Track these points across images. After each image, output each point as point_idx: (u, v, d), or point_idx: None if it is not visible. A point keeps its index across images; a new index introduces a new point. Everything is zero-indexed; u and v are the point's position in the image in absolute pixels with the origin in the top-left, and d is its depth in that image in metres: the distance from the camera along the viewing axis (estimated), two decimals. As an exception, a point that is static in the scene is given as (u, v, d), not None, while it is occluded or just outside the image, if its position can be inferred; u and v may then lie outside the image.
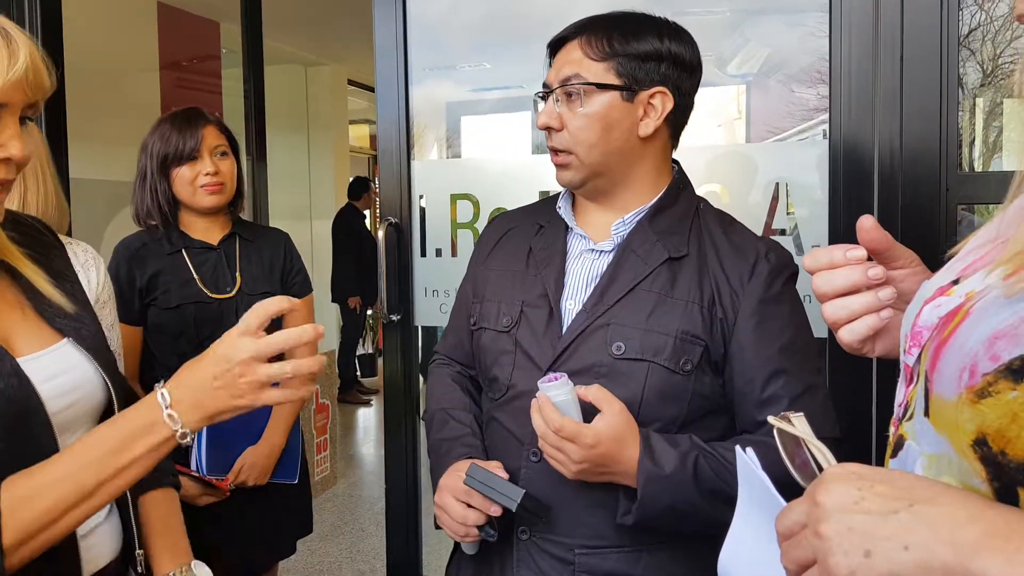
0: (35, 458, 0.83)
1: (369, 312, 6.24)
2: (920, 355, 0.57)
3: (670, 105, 1.09)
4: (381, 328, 6.86)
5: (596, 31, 1.09)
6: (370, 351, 6.56)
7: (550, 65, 1.15)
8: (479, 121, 2.01)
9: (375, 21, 1.87)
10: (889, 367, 1.46)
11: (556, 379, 0.98)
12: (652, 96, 1.08)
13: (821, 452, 0.58)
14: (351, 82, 6.72)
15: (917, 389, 0.57)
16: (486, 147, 2.01)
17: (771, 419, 0.62)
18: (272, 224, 2.92)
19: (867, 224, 0.71)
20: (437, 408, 1.23)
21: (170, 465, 1.10)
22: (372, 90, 7.46)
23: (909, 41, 1.44)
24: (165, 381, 0.82)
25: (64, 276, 1.00)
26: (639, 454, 0.97)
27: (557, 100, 1.10)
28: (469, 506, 1.05)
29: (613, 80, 1.07)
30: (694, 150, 1.72)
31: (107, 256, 1.57)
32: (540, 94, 1.15)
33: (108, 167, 3.37)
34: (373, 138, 8.40)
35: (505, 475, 1.07)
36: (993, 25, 1.55)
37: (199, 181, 1.71)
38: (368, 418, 5.75)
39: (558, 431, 0.95)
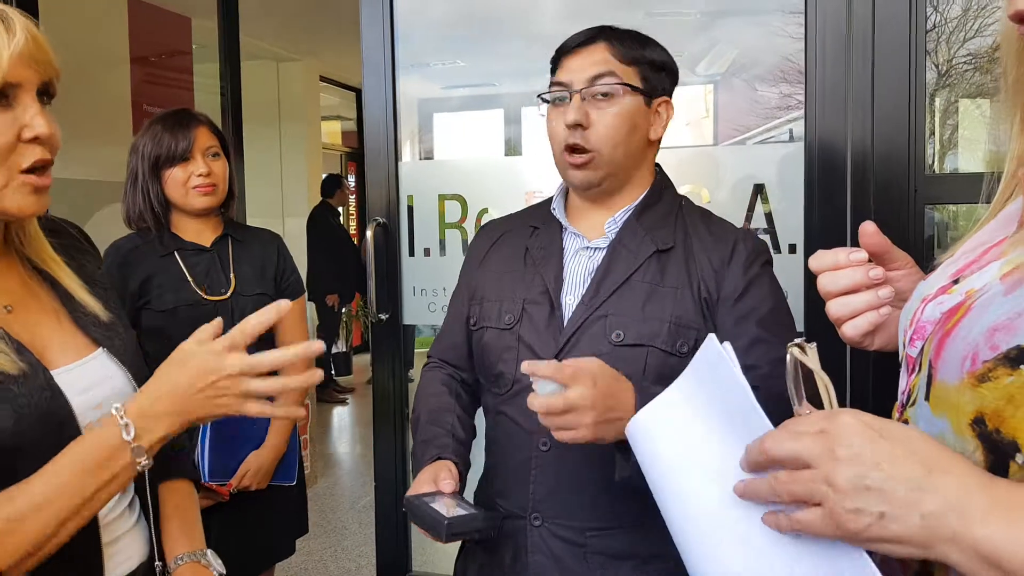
0: None
1: (343, 310, 6.23)
2: (923, 347, 0.63)
3: (672, 114, 1.19)
4: (357, 326, 6.85)
5: (619, 36, 1.15)
6: (344, 349, 6.55)
7: (554, 71, 1.19)
8: (452, 118, 2.04)
9: (362, 21, 1.89)
10: (862, 356, 1.53)
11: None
12: (660, 104, 1.17)
13: (826, 388, 0.62)
14: (323, 78, 6.69)
15: (920, 377, 0.63)
16: (459, 145, 2.05)
17: (789, 346, 0.65)
18: (245, 222, 2.91)
19: (869, 229, 0.78)
20: (420, 411, 1.28)
21: (191, 465, 1.13)
22: (345, 87, 7.42)
23: (880, 45, 1.50)
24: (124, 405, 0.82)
25: (99, 283, 1.01)
26: (634, 396, 0.99)
27: (583, 99, 1.13)
28: None
29: (639, 83, 1.14)
30: (675, 151, 1.77)
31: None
32: (554, 96, 1.17)
33: (80, 166, 3.32)
34: (345, 135, 8.35)
35: (452, 487, 1.08)
36: (948, 26, 1.62)
37: (192, 182, 1.71)
38: (344, 417, 5.75)
39: (554, 374, 0.94)
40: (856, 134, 1.52)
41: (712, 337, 0.68)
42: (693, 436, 0.70)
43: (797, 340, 0.65)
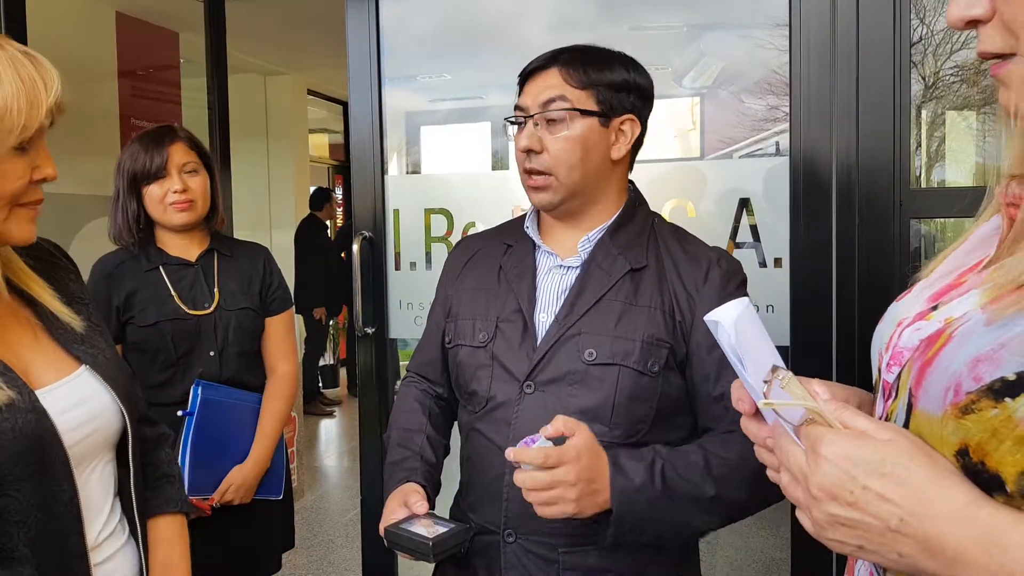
0: (51, 491, 0.84)
1: (331, 323, 6.20)
2: (901, 373, 0.63)
3: (638, 131, 1.18)
4: (343, 339, 6.82)
5: (573, 61, 1.15)
6: (331, 362, 6.52)
7: (519, 93, 1.20)
8: (439, 131, 2.04)
9: (348, 35, 1.89)
10: (848, 374, 1.53)
11: (532, 442, 0.99)
12: (623, 123, 1.17)
13: (821, 416, 0.58)
14: (311, 92, 6.70)
15: (898, 404, 0.62)
16: (446, 158, 2.05)
17: (762, 404, 0.60)
18: (232, 235, 2.90)
19: None
20: (392, 430, 1.29)
21: (180, 493, 1.09)
22: (332, 100, 7.41)
23: (864, 58, 1.51)
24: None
25: (79, 300, 1.00)
26: (609, 471, 1.01)
27: (536, 124, 1.15)
28: None
29: (593, 107, 1.14)
30: (661, 164, 1.78)
31: (82, 273, 1.56)
32: (512, 119, 1.20)
33: (68, 179, 3.29)
34: (333, 148, 8.35)
35: (424, 507, 1.11)
36: (934, 39, 1.64)
37: (167, 199, 1.71)
38: (331, 429, 5.71)
39: (544, 462, 0.96)
40: (841, 147, 1.53)
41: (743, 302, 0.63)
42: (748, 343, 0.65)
43: (768, 378, 0.59)
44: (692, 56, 1.78)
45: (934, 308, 0.64)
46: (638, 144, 1.21)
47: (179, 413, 1.67)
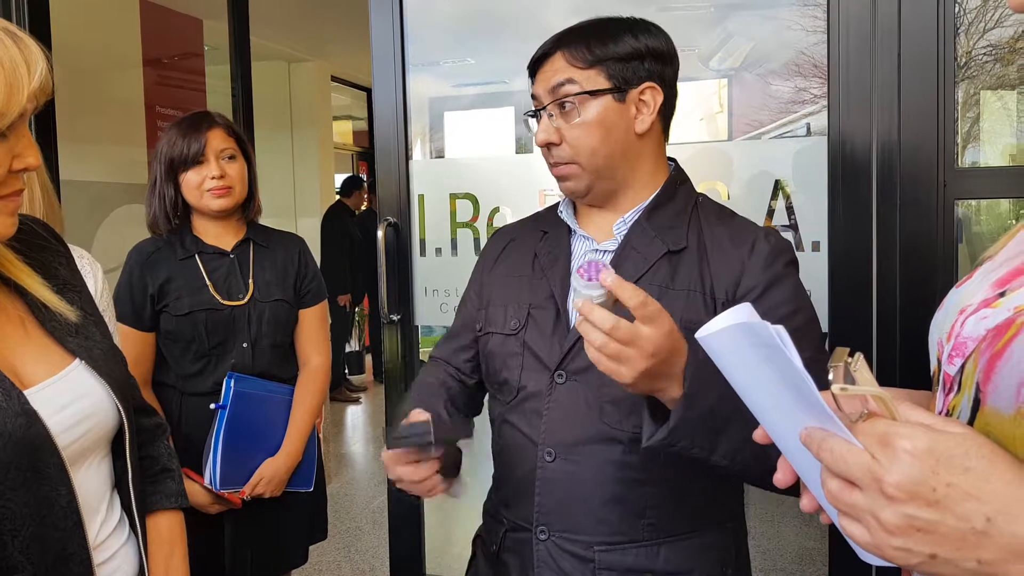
0: (47, 497, 0.80)
1: (356, 309, 6.22)
2: (964, 365, 0.58)
3: (660, 98, 1.10)
4: (367, 325, 6.85)
5: (574, 41, 1.10)
6: (356, 348, 6.54)
7: (532, 84, 1.15)
8: (462, 117, 2.01)
9: (371, 21, 1.86)
10: (890, 370, 1.48)
11: (595, 271, 0.85)
12: (642, 92, 1.10)
13: (885, 404, 0.53)
14: (335, 78, 6.69)
15: (962, 399, 0.57)
16: (470, 143, 2.02)
17: (830, 365, 0.53)
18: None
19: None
20: (410, 403, 1.23)
21: (179, 487, 1.06)
22: (356, 87, 7.40)
23: (906, 37, 1.46)
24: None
25: (71, 287, 0.94)
26: (687, 355, 0.89)
27: (551, 115, 1.10)
28: (416, 462, 1.01)
29: (603, 84, 1.08)
30: (689, 146, 1.73)
31: (107, 261, 1.55)
32: (530, 113, 1.15)
33: (94, 167, 3.32)
34: (357, 134, 8.35)
35: (423, 416, 1.01)
36: (966, 17, 1.58)
37: (205, 185, 1.69)
38: (357, 416, 5.74)
39: (611, 331, 0.84)
40: (882, 127, 1.48)
41: (774, 328, 0.55)
42: (750, 365, 0.61)
43: (837, 361, 0.53)
44: (719, 37, 1.73)
45: (1001, 295, 0.59)
46: (668, 110, 1.14)
47: (212, 406, 1.66)
